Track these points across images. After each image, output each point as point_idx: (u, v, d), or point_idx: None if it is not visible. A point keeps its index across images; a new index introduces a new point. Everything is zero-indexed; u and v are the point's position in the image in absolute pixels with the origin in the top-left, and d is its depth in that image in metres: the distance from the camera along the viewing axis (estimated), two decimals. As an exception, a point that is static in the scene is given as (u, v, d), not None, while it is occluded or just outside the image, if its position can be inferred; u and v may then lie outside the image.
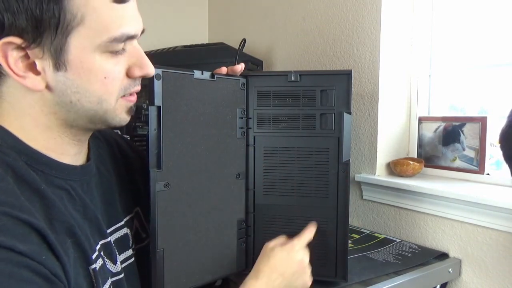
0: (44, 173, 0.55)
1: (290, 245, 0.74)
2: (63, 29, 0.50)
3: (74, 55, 0.52)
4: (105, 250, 0.61)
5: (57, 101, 0.54)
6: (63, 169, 0.58)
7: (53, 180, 0.56)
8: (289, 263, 0.72)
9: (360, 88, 1.24)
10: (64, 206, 0.55)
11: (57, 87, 0.53)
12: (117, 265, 0.63)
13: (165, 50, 1.44)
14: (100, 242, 0.61)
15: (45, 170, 0.55)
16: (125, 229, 0.68)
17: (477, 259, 1.02)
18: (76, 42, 0.51)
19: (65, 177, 0.58)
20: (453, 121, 1.18)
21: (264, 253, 0.74)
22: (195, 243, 0.74)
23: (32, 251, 0.47)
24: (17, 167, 0.52)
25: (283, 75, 0.83)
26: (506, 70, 1.10)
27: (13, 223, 0.47)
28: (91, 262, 0.56)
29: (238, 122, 0.81)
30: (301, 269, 0.73)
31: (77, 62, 0.52)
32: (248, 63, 1.36)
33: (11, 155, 0.53)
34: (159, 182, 0.68)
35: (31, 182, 0.52)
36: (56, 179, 0.56)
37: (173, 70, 0.70)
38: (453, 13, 1.21)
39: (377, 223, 1.24)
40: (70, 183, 0.58)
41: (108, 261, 0.62)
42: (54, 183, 0.56)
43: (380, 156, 1.22)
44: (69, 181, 0.58)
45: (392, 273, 0.91)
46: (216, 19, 1.90)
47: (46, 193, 0.53)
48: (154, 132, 0.68)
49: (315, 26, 1.38)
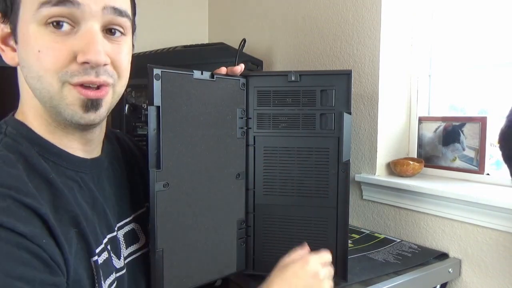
0: (56, 164, 0.57)
1: (304, 259, 0.71)
2: (16, 3, 0.53)
3: (20, 28, 0.54)
4: (112, 244, 0.62)
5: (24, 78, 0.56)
6: (74, 161, 0.59)
7: (64, 171, 0.57)
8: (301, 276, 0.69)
9: (360, 88, 1.24)
10: (73, 196, 0.56)
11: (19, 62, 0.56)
12: (120, 260, 0.63)
13: (165, 50, 1.44)
14: (107, 236, 0.61)
15: (56, 161, 0.57)
16: (132, 225, 0.69)
17: (477, 259, 1.02)
18: (22, 14, 0.53)
19: (76, 168, 0.59)
20: (453, 121, 1.18)
21: (278, 268, 0.71)
22: (195, 243, 0.74)
23: (33, 234, 0.47)
24: (29, 156, 0.54)
25: (283, 75, 0.83)
26: (506, 70, 1.10)
27: (17, 206, 0.47)
28: (93, 254, 0.56)
29: (238, 122, 0.81)
30: (316, 283, 0.70)
31: (21, 35, 0.54)
32: (248, 63, 1.36)
33: (24, 144, 0.55)
34: (158, 182, 0.68)
35: (41, 171, 0.54)
36: (67, 170, 0.58)
37: (173, 70, 0.69)
38: (453, 13, 1.21)
39: (377, 223, 1.24)
40: (81, 175, 0.60)
41: (113, 256, 0.62)
42: (65, 173, 0.57)
43: (380, 156, 1.22)
44: (79, 173, 0.59)
45: (392, 273, 0.91)
46: (216, 19, 1.90)
47: (55, 182, 0.54)
48: (153, 132, 0.68)
49: (315, 26, 1.38)
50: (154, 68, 0.67)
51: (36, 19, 0.52)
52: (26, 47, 0.53)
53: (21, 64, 0.56)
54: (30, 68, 0.54)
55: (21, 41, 0.54)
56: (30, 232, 0.47)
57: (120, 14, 0.55)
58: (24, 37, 0.53)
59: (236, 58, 1.31)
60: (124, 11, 0.56)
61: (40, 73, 0.53)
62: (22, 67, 0.55)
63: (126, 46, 0.59)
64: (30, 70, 0.54)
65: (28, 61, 0.53)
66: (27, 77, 0.55)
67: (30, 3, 0.52)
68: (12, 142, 0.55)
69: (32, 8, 0.51)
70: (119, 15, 0.55)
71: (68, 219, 0.54)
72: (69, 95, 0.54)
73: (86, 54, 0.52)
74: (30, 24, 0.52)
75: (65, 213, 0.54)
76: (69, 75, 0.53)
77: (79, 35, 0.53)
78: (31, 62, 0.53)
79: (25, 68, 0.54)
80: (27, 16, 0.52)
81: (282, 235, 0.84)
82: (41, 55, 0.52)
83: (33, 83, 0.54)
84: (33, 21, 0.52)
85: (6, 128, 0.57)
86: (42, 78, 0.53)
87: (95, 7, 0.52)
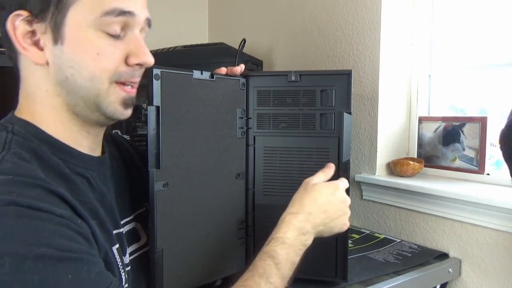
0: (65, 161, 0.58)
1: (335, 184, 0.72)
2: (62, 3, 0.54)
3: (71, 29, 0.55)
4: (119, 240, 0.63)
5: (56, 79, 0.57)
6: (83, 158, 0.61)
7: (74, 168, 0.59)
8: (333, 201, 0.70)
9: (360, 88, 1.24)
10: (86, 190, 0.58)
11: (55, 61, 0.56)
12: (126, 257, 0.64)
13: (165, 50, 1.44)
14: (114, 232, 0.62)
15: (66, 158, 0.59)
16: (133, 223, 0.70)
17: (477, 259, 1.01)
18: (73, 17, 0.55)
19: (85, 166, 0.61)
20: (453, 121, 1.18)
21: (306, 188, 0.71)
22: (195, 243, 0.74)
23: (69, 215, 0.50)
24: (42, 152, 0.56)
25: (283, 75, 0.82)
26: (506, 70, 1.10)
27: (47, 193, 0.50)
28: (114, 242, 0.59)
29: (238, 122, 0.81)
30: (343, 210, 0.72)
31: (72, 36, 0.55)
32: (248, 63, 1.35)
33: (35, 142, 0.57)
34: (158, 182, 0.68)
35: (55, 167, 0.56)
36: (77, 167, 0.60)
37: (172, 70, 0.69)
38: (453, 13, 1.21)
39: (377, 223, 1.24)
40: (90, 172, 0.61)
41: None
42: (75, 170, 0.59)
43: (380, 156, 1.22)
44: (88, 170, 0.61)
45: (392, 273, 0.91)
46: (216, 19, 1.90)
47: (70, 176, 0.57)
48: (153, 132, 0.68)
49: (315, 26, 1.38)
50: (154, 68, 0.66)
51: (95, 25, 0.55)
52: (80, 49, 0.56)
53: (66, 64, 0.56)
54: (84, 68, 0.56)
55: (72, 41, 0.55)
56: (66, 213, 0.50)
57: (149, 24, 0.62)
58: (78, 39, 0.55)
59: (236, 58, 1.31)
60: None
61: (96, 73, 0.57)
62: (68, 67, 0.56)
63: None
64: (83, 70, 0.56)
65: (82, 62, 0.56)
66: (73, 76, 0.56)
67: (90, 9, 0.55)
68: (23, 140, 0.56)
69: (93, 14, 0.55)
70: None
71: (88, 211, 0.55)
72: (114, 93, 0.59)
73: (140, 57, 0.59)
74: (88, 28, 0.55)
75: (84, 205, 0.55)
76: (118, 76, 0.58)
77: (128, 40, 0.58)
78: (87, 63, 0.56)
79: (73, 68, 0.56)
80: (82, 20, 0.55)
81: None
82: (99, 57, 0.56)
83: (82, 82, 0.57)
84: (91, 26, 0.55)
85: (13, 127, 0.57)
86: (96, 78, 0.57)
87: (142, 18, 0.60)
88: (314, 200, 0.69)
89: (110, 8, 0.55)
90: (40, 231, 0.46)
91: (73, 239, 0.49)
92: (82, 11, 0.55)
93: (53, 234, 0.47)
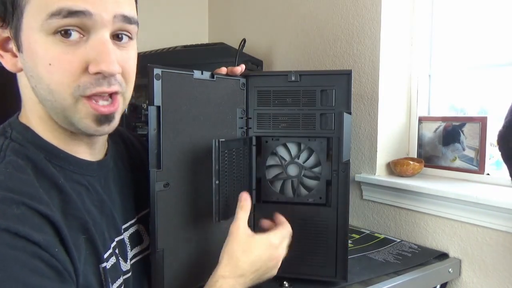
0: (63, 169, 0.56)
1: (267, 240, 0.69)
2: (18, 8, 0.50)
3: (25, 36, 0.51)
4: (119, 247, 0.62)
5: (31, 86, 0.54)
6: (81, 165, 0.59)
7: (72, 176, 0.57)
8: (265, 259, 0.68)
9: (360, 88, 1.24)
10: (81, 201, 0.56)
11: (24, 70, 0.54)
12: (127, 263, 0.63)
13: (165, 50, 1.44)
14: (115, 239, 0.61)
15: (63, 165, 0.56)
16: (136, 226, 0.69)
17: (477, 259, 1.02)
18: (26, 21, 0.50)
19: (83, 172, 0.59)
20: (453, 121, 1.18)
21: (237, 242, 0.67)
22: (195, 243, 0.74)
23: (46, 242, 0.47)
24: (37, 161, 0.53)
25: (283, 75, 0.82)
26: (506, 70, 1.10)
27: (31, 213, 0.47)
28: (102, 261, 0.56)
29: (238, 122, 0.81)
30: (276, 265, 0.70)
31: (26, 43, 0.51)
32: (248, 63, 1.36)
33: (31, 149, 0.54)
34: (158, 182, 0.68)
35: (50, 176, 0.53)
36: (75, 175, 0.57)
37: (173, 70, 0.69)
38: (453, 13, 1.21)
39: (377, 223, 1.24)
40: (88, 178, 0.59)
41: (121, 259, 0.62)
42: (72, 178, 0.57)
43: (380, 156, 1.22)
44: (86, 176, 0.59)
45: (392, 273, 0.91)
46: (216, 19, 1.90)
47: (64, 188, 0.54)
48: (153, 132, 0.68)
49: (315, 26, 1.38)
50: (154, 68, 0.66)
51: (44, 29, 0.50)
52: (35, 58, 0.51)
53: (27, 73, 0.53)
54: (40, 80, 0.52)
55: (27, 49, 0.51)
56: (44, 241, 0.47)
57: (129, 21, 0.54)
58: (31, 46, 0.51)
59: (236, 58, 1.31)
60: (132, 17, 0.55)
61: (51, 87, 0.51)
62: (30, 77, 0.53)
63: (133, 51, 0.58)
64: (40, 82, 0.52)
65: (37, 72, 0.51)
66: (36, 88, 0.53)
67: (37, 11, 0.49)
68: (19, 147, 0.54)
69: (40, 17, 0.49)
70: (128, 22, 0.54)
71: (77, 226, 0.54)
72: (83, 109, 0.53)
73: (100, 64, 0.51)
74: (37, 33, 0.50)
75: (74, 219, 0.53)
76: (82, 89, 0.52)
77: (90, 45, 0.51)
78: (41, 74, 0.51)
79: (34, 78, 0.52)
80: (33, 25, 0.50)
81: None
82: (52, 68, 0.50)
83: (43, 94, 0.53)
84: (40, 31, 0.50)
85: (11, 133, 0.56)
86: (54, 92, 0.52)
87: (106, 16, 0.51)
88: (246, 259, 0.66)
89: (56, 9, 0.48)
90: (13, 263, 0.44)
91: (44, 274, 0.46)
92: (32, 15, 0.50)
93: (24, 267, 0.44)
